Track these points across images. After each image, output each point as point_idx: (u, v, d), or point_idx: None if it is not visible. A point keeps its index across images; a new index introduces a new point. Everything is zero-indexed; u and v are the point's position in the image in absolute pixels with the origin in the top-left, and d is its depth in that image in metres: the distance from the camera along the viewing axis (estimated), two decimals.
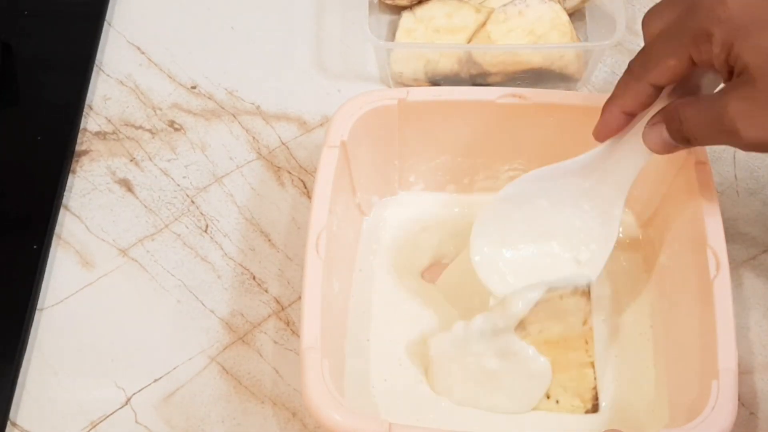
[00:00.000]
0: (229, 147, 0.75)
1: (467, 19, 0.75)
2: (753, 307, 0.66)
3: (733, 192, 0.71)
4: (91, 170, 0.74)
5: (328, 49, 0.79)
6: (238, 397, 0.64)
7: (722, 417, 0.53)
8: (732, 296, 0.57)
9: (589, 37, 0.78)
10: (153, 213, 0.72)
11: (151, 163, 0.74)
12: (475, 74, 0.75)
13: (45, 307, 0.68)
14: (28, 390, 0.64)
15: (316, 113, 0.76)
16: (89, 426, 0.63)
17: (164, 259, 0.70)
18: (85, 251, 0.70)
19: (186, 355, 0.65)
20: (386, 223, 0.69)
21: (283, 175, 0.73)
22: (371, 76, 0.78)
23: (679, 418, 0.57)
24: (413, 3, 0.77)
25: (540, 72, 0.74)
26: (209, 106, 0.77)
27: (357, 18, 0.79)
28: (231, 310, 0.67)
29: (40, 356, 0.66)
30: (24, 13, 0.81)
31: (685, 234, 0.61)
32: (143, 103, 0.77)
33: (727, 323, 0.56)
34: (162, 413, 0.63)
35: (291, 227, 0.71)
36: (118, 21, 0.81)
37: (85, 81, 0.77)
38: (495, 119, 0.65)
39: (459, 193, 0.70)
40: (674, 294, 0.63)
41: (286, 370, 0.65)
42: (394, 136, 0.66)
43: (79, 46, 0.79)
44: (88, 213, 0.72)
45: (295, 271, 0.69)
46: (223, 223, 0.71)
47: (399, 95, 0.64)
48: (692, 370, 0.58)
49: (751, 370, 0.64)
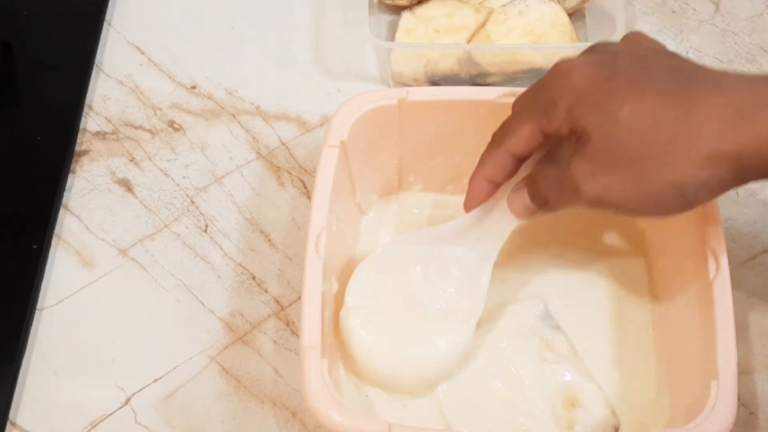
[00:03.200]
0: (228, 147, 0.75)
1: (467, 19, 0.75)
2: (753, 307, 0.66)
3: (733, 192, 0.71)
4: (91, 170, 0.74)
5: (328, 49, 0.79)
6: (238, 397, 0.64)
7: (722, 417, 0.53)
8: (732, 297, 0.57)
9: (589, 37, 0.78)
10: (153, 213, 0.72)
11: (150, 163, 0.74)
12: (474, 74, 0.75)
13: (45, 307, 0.68)
14: (28, 390, 0.64)
15: (316, 113, 0.76)
16: (89, 426, 0.63)
17: (164, 259, 0.70)
18: (85, 251, 0.70)
19: (186, 355, 0.65)
20: (386, 223, 0.69)
21: (283, 175, 0.73)
22: (371, 76, 0.78)
23: (679, 419, 0.57)
24: (413, 3, 0.77)
25: (540, 72, 0.74)
26: (209, 106, 0.77)
27: (357, 18, 0.79)
28: (231, 310, 0.67)
29: (40, 356, 0.66)
30: (24, 13, 0.81)
31: (685, 235, 0.61)
32: (143, 103, 0.77)
33: (727, 324, 0.56)
34: (162, 413, 0.63)
35: (291, 227, 0.71)
36: (117, 21, 0.81)
37: (84, 81, 0.77)
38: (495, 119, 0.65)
39: (458, 194, 0.69)
40: (674, 295, 0.63)
41: (286, 370, 0.65)
42: (393, 136, 0.66)
43: (79, 45, 0.79)
44: (88, 213, 0.72)
45: (295, 271, 0.69)
46: (222, 223, 0.71)
47: (399, 95, 0.64)
48: (692, 371, 0.58)
49: (751, 370, 0.64)
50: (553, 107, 0.54)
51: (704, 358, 0.56)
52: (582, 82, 0.54)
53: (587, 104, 0.53)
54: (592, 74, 0.54)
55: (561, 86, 0.54)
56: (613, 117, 0.52)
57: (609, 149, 0.52)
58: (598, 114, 0.53)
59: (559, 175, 0.55)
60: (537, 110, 0.55)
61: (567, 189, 0.54)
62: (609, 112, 0.52)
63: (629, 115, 0.52)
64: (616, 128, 0.52)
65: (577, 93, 0.53)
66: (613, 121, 0.52)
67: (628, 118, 0.52)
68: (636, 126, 0.52)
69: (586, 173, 0.53)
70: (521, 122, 0.56)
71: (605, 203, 0.53)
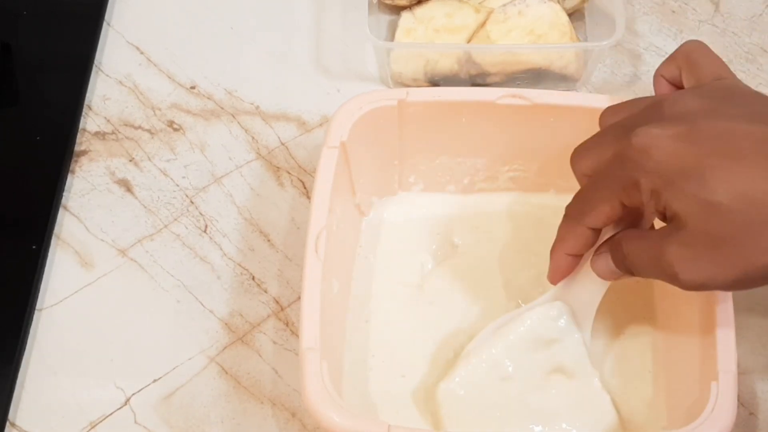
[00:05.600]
0: (228, 147, 0.75)
1: (467, 19, 0.75)
2: (753, 307, 0.66)
3: None
4: (90, 170, 0.74)
5: (328, 49, 0.79)
6: (238, 398, 0.64)
7: (722, 419, 0.53)
8: (732, 297, 0.57)
9: (588, 37, 0.78)
10: (152, 213, 0.72)
11: (150, 163, 0.74)
12: (474, 74, 0.75)
13: (44, 308, 0.68)
14: (27, 390, 0.64)
15: (316, 113, 0.76)
16: (88, 426, 0.63)
17: (163, 259, 0.69)
18: (84, 251, 0.70)
19: (185, 356, 0.65)
20: (386, 224, 0.69)
21: (283, 175, 0.73)
22: (371, 76, 0.78)
23: (678, 420, 0.57)
24: (413, 3, 0.77)
25: (540, 72, 0.74)
26: (208, 106, 0.77)
27: (357, 18, 0.79)
28: (230, 310, 0.67)
29: (39, 356, 0.66)
30: (23, 13, 0.81)
31: None
32: (142, 103, 0.77)
33: (728, 325, 0.56)
34: (161, 414, 0.63)
35: (290, 227, 0.71)
36: (117, 21, 0.81)
37: (84, 81, 0.77)
38: (495, 120, 0.65)
39: (459, 194, 0.70)
40: (674, 295, 0.62)
41: (286, 371, 0.65)
42: (394, 137, 0.66)
43: (78, 46, 0.79)
44: (88, 213, 0.72)
45: (295, 272, 0.69)
46: (222, 224, 0.71)
47: (399, 95, 0.64)
48: (692, 372, 0.58)
49: (751, 371, 0.64)
50: (635, 188, 0.52)
51: (704, 359, 0.56)
52: (664, 161, 0.51)
53: (676, 189, 0.50)
54: (675, 152, 0.51)
55: (640, 167, 0.52)
56: (708, 201, 0.50)
57: (707, 234, 0.50)
58: (690, 198, 0.50)
59: (652, 254, 0.52)
60: (615, 187, 0.53)
61: (661, 271, 0.52)
62: (702, 197, 0.50)
63: (725, 198, 0.49)
64: (713, 213, 0.50)
65: (661, 176, 0.51)
66: (708, 205, 0.50)
67: (725, 200, 0.49)
68: (734, 206, 0.49)
69: (685, 260, 0.51)
70: (599, 199, 0.54)
71: (707, 288, 0.53)
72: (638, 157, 0.52)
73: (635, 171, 0.52)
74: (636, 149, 0.52)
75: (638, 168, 0.52)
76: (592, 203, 0.55)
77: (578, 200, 0.57)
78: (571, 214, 0.57)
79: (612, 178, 0.54)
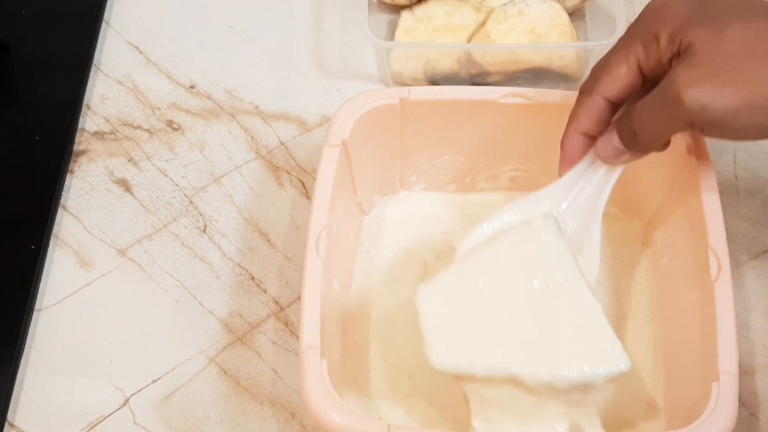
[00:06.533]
0: (227, 147, 0.74)
1: (467, 18, 0.75)
2: (754, 307, 0.66)
3: (733, 192, 0.70)
4: (89, 170, 0.73)
5: (328, 49, 0.79)
6: (237, 398, 0.64)
7: (723, 419, 0.53)
8: (733, 298, 0.56)
9: (589, 37, 0.78)
10: (151, 213, 0.71)
11: (149, 163, 0.74)
12: (474, 74, 0.75)
13: (43, 308, 0.67)
14: (26, 391, 0.64)
15: (315, 113, 0.76)
16: (87, 427, 0.63)
17: (163, 259, 0.69)
18: (83, 251, 0.70)
19: (185, 356, 0.65)
20: (387, 223, 0.69)
21: (282, 175, 0.73)
22: (371, 76, 0.78)
23: (678, 420, 0.57)
24: (413, 2, 0.77)
25: (540, 71, 0.74)
26: (208, 106, 0.77)
27: (357, 17, 0.79)
28: (230, 310, 0.67)
29: (38, 357, 0.65)
30: (22, 13, 0.81)
31: (687, 235, 0.61)
32: (141, 102, 0.77)
33: (728, 325, 0.56)
34: (161, 414, 0.63)
35: (290, 227, 0.71)
36: (116, 20, 0.81)
37: (83, 81, 0.77)
38: (496, 119, 0.65)
39: (460, 193, 0.70)
40: (675, 295, 0.63)
41: (285, 371, 0.65)
42: (395, 136, 0.66)
43: (77, 45, 0.79)
44: (87, 213, 0.72)
45: (294, 272, 0.68)
46: (221, 224, 0.71)
47: (401, 94, 0.64)
48: (693, 372, 0.58)
49: (752, 371, 0.64)
50: (654, 40, 0.54)
51: (705, 360, 0.56)
52: (683, 10, 0.53)
53: (692, 24, 0.52)
54: (692, 4, 0.53)
55: (661, 19, 0.54)
56: (721, 31, 0.52)
57: (717, 55, 0.51)
58: (704, 28, 0.52)
59: (655, 95, 0.53)
60: (633, 47, 0.54)
61: (665, 106, 0.52)
62: (716, 27, 0.52)
63: (737, 30, 0.51)
64: (724, 39, 0.51)
65: (680, 20, 0.53)
66: (720, 34, 0.52)
67: (737, 31, 0.51)
68: (745, 36, 0.51)
69: (691, 79, 0.51)
70: (617, 62, 0.55)
71: (708, 113, 0.51)
72: (657, 12, 0.54)
73: (655, 24, 0.54)
74: (654, 8, 0.54)
75: (657, 21, 0.54)
76: (608, 67, 0.55)
77: (593, 70, 0.57)
78: (585, 87, 0.57)
79: (630, 39, 0.55)
